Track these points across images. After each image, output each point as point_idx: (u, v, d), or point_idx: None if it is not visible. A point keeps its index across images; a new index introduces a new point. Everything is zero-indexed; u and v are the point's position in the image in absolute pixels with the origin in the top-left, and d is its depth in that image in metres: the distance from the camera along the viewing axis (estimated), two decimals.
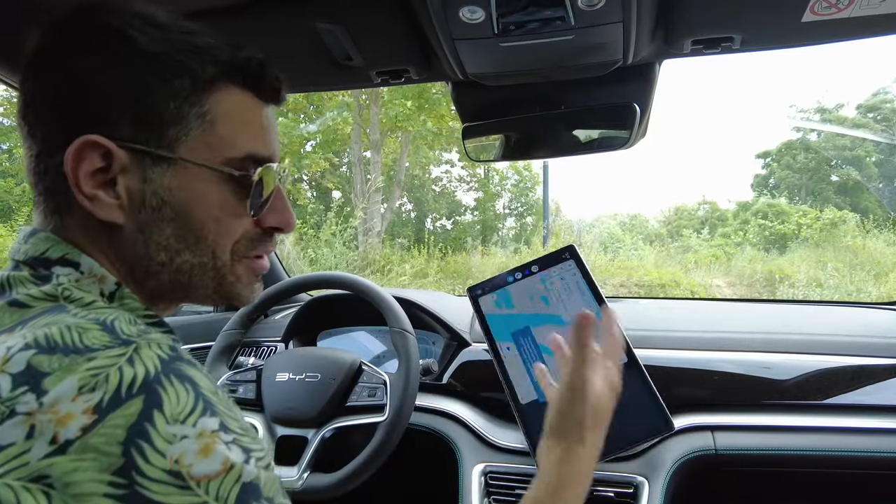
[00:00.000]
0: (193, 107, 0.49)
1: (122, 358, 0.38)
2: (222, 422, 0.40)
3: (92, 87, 0.47)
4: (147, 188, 0.48)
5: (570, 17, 0.74)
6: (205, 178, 0.50)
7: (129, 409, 0.36)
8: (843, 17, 0.73)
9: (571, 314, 0.95)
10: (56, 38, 0.48)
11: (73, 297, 0.44)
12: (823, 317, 1.53)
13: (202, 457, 0.37)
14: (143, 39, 0.47)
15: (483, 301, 1.00)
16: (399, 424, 1.04)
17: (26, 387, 0.36)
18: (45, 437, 0.34)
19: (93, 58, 0.47)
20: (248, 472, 0.39)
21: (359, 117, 11.61)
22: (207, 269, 0.53)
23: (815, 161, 15.30)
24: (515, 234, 14.68)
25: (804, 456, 1.05)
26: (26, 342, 0.38)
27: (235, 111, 0.51)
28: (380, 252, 9.85)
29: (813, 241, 10.18)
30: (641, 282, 8.37)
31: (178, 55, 0.48)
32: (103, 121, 0.47)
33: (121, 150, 0.47)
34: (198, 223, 0.51)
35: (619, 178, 27.88)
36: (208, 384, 0.41)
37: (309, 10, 0.80)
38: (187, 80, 0.49)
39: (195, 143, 0.49)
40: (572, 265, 1.02)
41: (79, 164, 0.46)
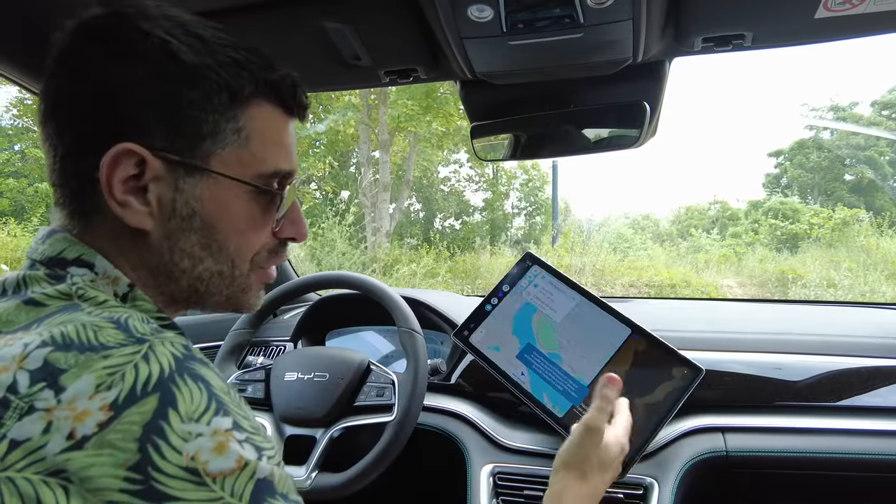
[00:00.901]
0: (230, 122, 0.50)
1: (138, 355, 0.39)
2: (235, 421, 0.40)
3: (131, 95, 0.47)
4: (178, 197, 0.49)
5: (579, 14, 0.73)
6: (235, 191, 0.51)
7: (145, 407, 0.37)
8: (857, 13, 0.72)
9: (560, 311, 1.06)
10: (92, 41, 0.48)
11: (86, 296, 0.45)
12: (836, 317, 1.51)
13: (217, 454, 0.38)
14: (185, 51, 0.48)
15: (474, 339, 1.05)
16: (407, 424, 1.04)
17: (44, 383, 0.37)
18: (61, 432, 0.35)
19: (134, 66, 0.47)
20: (262, 468, 0.40)
21: (367, 117, 11.64)
22: (225, 278, 0.54)
23: (828, 160, 15.15)
24: (524, 233, 14.65)
25: (816, 458, 1.04)
26: (43, 339, 0.39)
27: (267, 128, 0.53)
28: (388, 252, 9.87)
29: (825, 241, 10.07)
30: (652, 282, 8.33)
31: (218, 69, 0.49)
32: (140, 129, 0.47)
33: (155, 159, 0.48)
34: (223, 234, 0.52)
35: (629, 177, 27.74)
36: (220, 384, 0.42)
37: (317, 10, 0.80)
38: (226, 95, 0.50)
39: (228, 157, 0.51)
40: (537, 269, 1.10)
41: (114, 170, 0.47)
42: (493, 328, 1.07)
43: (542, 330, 1.06)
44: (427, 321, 1.38)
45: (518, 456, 1.11)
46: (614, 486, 1.01)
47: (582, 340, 1.06)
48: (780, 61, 30.23)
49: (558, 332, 1.06)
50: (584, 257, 8.93)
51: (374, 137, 11.79)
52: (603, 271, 8.64)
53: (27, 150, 11.53)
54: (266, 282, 0.59)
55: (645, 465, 1.04)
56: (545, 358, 1.04)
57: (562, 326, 1.06)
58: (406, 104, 10.44)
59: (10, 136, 11.69)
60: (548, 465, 1.06)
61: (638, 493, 1.00)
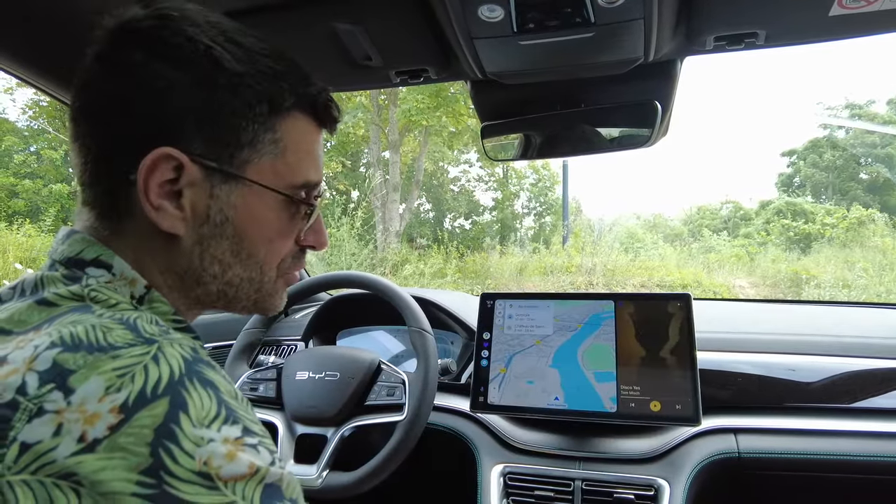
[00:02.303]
0: (268, 132, 0.51)
1: (147, 356, 0.39)
2: (245, 427, 0.40)
3: (173, 99, 0.47)
4: (213, 204, 0.50)
5: (590, 14, 0.73)
6: (267, 200, 0.52)
7: (156, 410, 0.37)
8: (872, 11, 0.71)
9: (546, 325, 1.18)
10: (136, 42, 0.47)
11: (98, 299, 0.45)
12: (851, 318, 1.50)
13: (229, 460, 0.38)
14: (228, 59, 0.48)
15: (493, 399, 1.15)
16: (417, 424, 1.04)
17: (53, 384, 0.36)
18: (72, 435, 0.35)
19: (178, 70, 0.47)
20: (273, 473, 0.40)
21: (377, 118, 11.66)
22: (254, 283, 0.55)
23: (842, 159, 14.96)
24: (534, 233, 14.60)
25: (829, 460, 1.02)
26: (52, 340, 0.39)
27: (301, 140, 0.54)
28: (398, 252, 9.89)
29: (839, 241, 9.95)
30: (663, 282, 8.27)
31: (260, 80, 0.49)
32: (179, 134, 0.47)
33: (193, 165, 0.48)
34: (253, 241, 0.53)
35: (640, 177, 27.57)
36: (228, 387, 0.42)
37: (328, 11, 0.80)
38: (266, 105, 0.50)
39: (264, 167, 0.51)
40: (501, 302, 1.23)
41: (152, 174, 0.47)
42: (503, 377, 1.16)
43: (529, 348, 1.18)
44: (437, 321, 1.39)
45: (528, 456, 1.11)
46: (626, 487, 1.01)
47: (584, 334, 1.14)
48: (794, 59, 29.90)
49: (543, 342, 1.17)
50: (594, 257, 8.89)
51: (384, 138, 11.81)
52: (614, 271, 8.59)
53: (42, 152, 11.69)
54: (290, 284, 0.60)
55: (656, 465, 1.04)
56: (571, 368, 1.13)
57: (550, 339, 1.17)
58: (417, 98, 10.47)
59: (26, 137, 11.86)
60: (557, 465, 1.07)
61: (649, 494, 1.00)
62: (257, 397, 1.17)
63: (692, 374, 1.04)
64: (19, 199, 10.76)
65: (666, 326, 1.10)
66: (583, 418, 1.08)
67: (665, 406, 1.04)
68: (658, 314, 1.11)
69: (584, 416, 1.08)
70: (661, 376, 1.06)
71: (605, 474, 1.04)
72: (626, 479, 1.02)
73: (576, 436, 1.13)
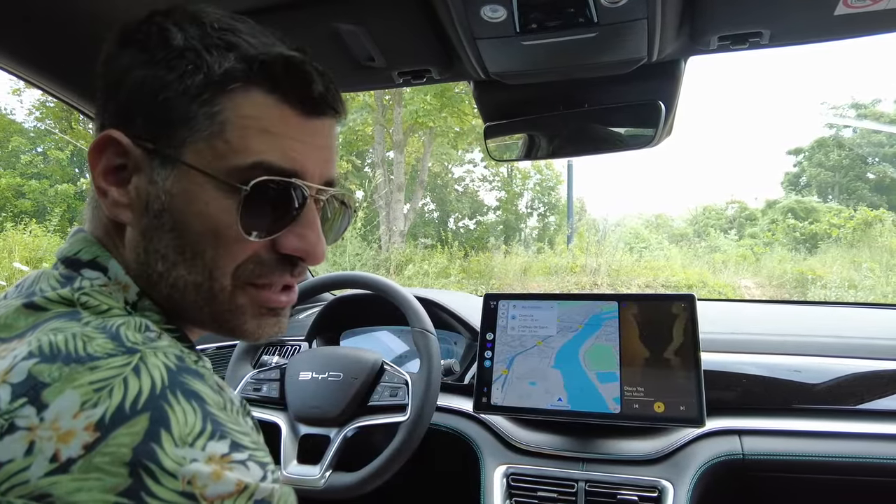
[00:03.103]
0: (203, 106, 0.44)
1: (128, 368, 0.37)
2: (233, 441, 0.38)
3: (124, 82, 0.46)
4: (152, 190, 0.45)
5: (593, 14, 0.73)
6: (204, 185, 0.45)
7: (135, 428, 0.34)
8: (878, 10, 0.71)
9: (550, 326, 1.17)
10: (115, 36, 0.48)
11: (88, 304, 0.43)
12: (857, 319, 1.49)
13: (215, 480, 0.35)
14: (177, 36, 0.45)
15: (496, 400, 1.14)
16: (421, 424, 1.04)
17: (25, 399, 0.35)
18: (45, 454, 0.33)
19: (132, 54, 0.46)
20: (262, 489, 0.37)
21: (382, 118, 11.68)
22: (202, 291, 0.47)
23: (849, 158, 14.86)
24: (538, 233, 14.59)
25: (835, 462, 1.02)
26: (30, 349, 0.37)
27: (253, 116, 0.45)
28: (402, 252, 9.89)
29: (846, 241, 9.89)
30: (668, 282, 8.25)
31: (201, 52, 0.44)
32: (126, 117, 0.46)
33: (136, 147, 0.46)
34: (194, 236, 0.46)
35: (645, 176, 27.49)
36: (216, 398, 0.40)
37: (330, 11, 0.80)
38: (200, 76, 0.44)
39: (201, 147, 0.45)
40: (504, 303, 1.22)
41: (98, 158, 0.46)
42: (505, 378, 1.16)
43: (532, 349, 1.18)
44: (441, 321, 1.38)
45: (531, 457, 1.10)
46: (629, 489, 1.00)
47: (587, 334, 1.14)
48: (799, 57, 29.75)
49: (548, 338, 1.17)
50: (599, 257, 8.87)
51: (388, 138, 11.82)
52: (618, 271, 8.57)
53: (49, 152, 11.76)
54: (267, 305, 0.50)
55: (660, 467, 1.04)
56: (573, 368, 1.12)
57: (559, 337, 1.16)
58: (424, 99, 10.48)
59: (33, 138, 11.93)
60: (559, 466, 1.06)
61: (653, 496, 0.99)
62: (261, 397, 1.17)
63: (696, 375, 1.04)
64: (26, 199, 10.83)
65: (670, 327, 1.09)
66: (586, 419, 1.08)
67: (669, 407, 1.03)
68: (662, 315, 1.11)
69: (587, 417, 1.07)
70: (665, 377, 1.06)
71: (609, 475, 1.03)
72: (629, 481, 1.02)
73: (579, 437, 1.12)
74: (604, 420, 1.07)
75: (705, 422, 1.01)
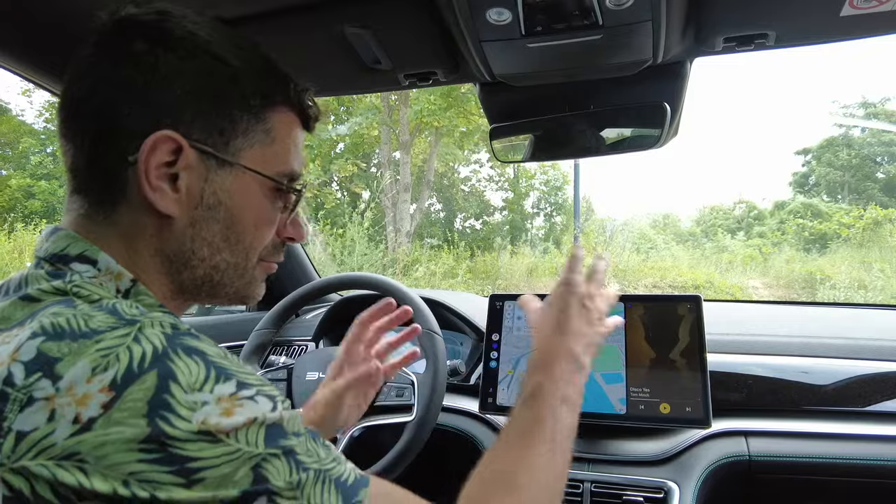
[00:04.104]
0: (260, 122, 0.54)
1: (129, 337, 0.40)
2: (238, 381, 0.42)
3: (174, 87, 0.50)
4: (207, 188, 0.52)
5: (597, 16, 0.73)
6: (257, 186, 0.55)
7: (146, 384, 0.38)
8: (884, 11, 0.70)
9: None
10: (141, 33, 0.50)
11: (80, 294, 0.45)
12: (866, 320, 1.48)
13: (226, 417, 0.39)
14: (226, 54, 0.52)
15: (502, 400, 1.15)
16: (426, 424, 1.05)
17: (40, 373, 0.38)
18: (66, 418, 0.36)
19: (180, 61, 0.50)
20: (271, 417, 0.42)
21: (388, 118, 11.69)
22: (238, 269, 0.57)
23: (858, 158, 14.73)
24: (545, 233, 14.55)
25: (842, 464, 1.01)
26: (33, 331, 0.40)
27: (287, 132, 0.57)
28: (409, 252, 9.90)
29: (856, 241, 9.81)
30: (675, 282, 8.22)
31: (254, 74, 0.54)
32: (179, 119, 0.50)
33: (191, 149, 0.50)
34: (243, 226, 0.55)
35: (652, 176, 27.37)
36: (216, 350, 0.43)
37: (337, 15, 0.81)
38: (259, 98, 0.54)
39: (255, 155, 0.54)
40: (510, 303, 1.23)
41: (152, 155, 0.49)
42: (511, 379, 1.16)
43: None
44: (447, 322, 1.39)
45: None
46: (635, 489, 1.00)
47: None
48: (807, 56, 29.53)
49: None
50: None
51: (394, 138, 11.84)
52: (625, 272, 8.55)
53: (58, 153, 11.83)
54: (268, 272, 0.62)
55: (666, 468, 1.04)
56: None
57: None
58: (429, 99, 10.50)
59: (43, 140, 12.03)
60: None
61: (659, 497, 0.99)
62: None
63: (702, 376, 1.04)
64: (36, 199, 10.92)
65: (676, 328, 1.09)
66: (592, 420, 1.08)
67: (675, 408, 1.03)
68: (668, 316, 1.11)
69: (593, 417, 1.07)
70: (671, 378, 1.06)
71: (615, 476, 1.03)
72: (635, 482, 1.02)
73: (585, 437, 1.12)
74: (609, 421, 1.07)
75: (711, 423, 1.01)
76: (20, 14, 0.80)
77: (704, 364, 1.04)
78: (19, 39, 0.85)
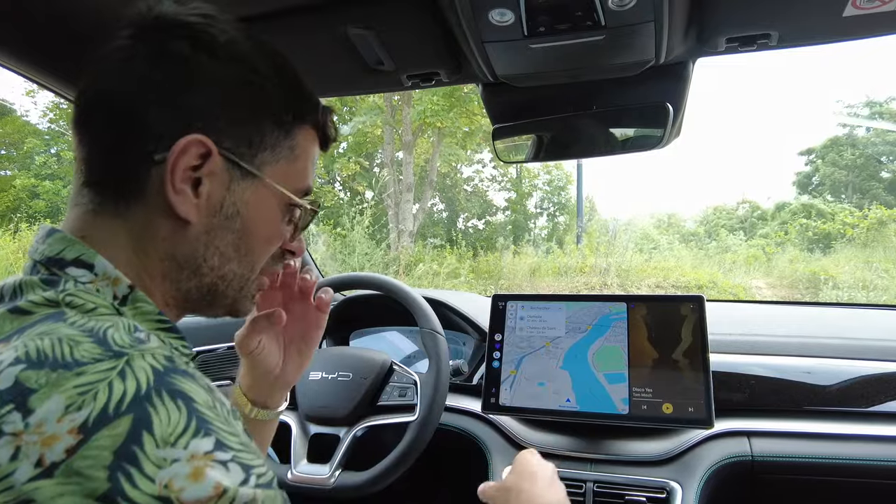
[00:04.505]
0: (288, 138, 0.55)
1: (113, 371, 0.37)
2: (218, 439, 0.38)
3: (212, 93, 0.50)
4: (228, 197, 0.52)
5: (600, 17, 0.73)
6: (275, 201, 0.56)
7: (117, 430, 0.34)
8: (887, 11, 0.70)
9: (559, 327, 1.18)
10: (180, 35, 0.49)
11: (74, 304, 0.43)
12: (869, 320, 1.48)
13: (193, 481, 0.35)
14: (265, 67, 0.52)
15: (504, 401, 1.15)
16: (429, 424, 1.05)
17: (12, 405, 0.35)
18: (30, 459, 0.33)
19: (222, 68, 0.50)
20: (243, 494, 0.37)
21: (391, 118, 11.70)
22: (242, 280, 0.56)
23: (863, 157, 14.67)
24: (548, 233, 14.54)
25: (845, 464, 1.01)
26: (17, 355, 0.37)
27: (308, 150, 0.58)
28: (412, 252, 9.91)
29: (860, 241, 9.77)
30: (678, 283, 8.20)
31: (288, 90, 0.55)
32: (211, 126, 0.49)
33: (219, 156, 0.50)
34: (254, 238, 0.55)
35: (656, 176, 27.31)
36: (204, 397, 0.40)
37: (340, 16, 0.81)
38: (291, 115, 0.55)
39: (278, 170, 0.55)
40: (513, 303, 1.23)
41: (181, 157, 0.48)
42: (513, 379, 1.16)
43: (540, 348, 1.18)
44: (449, 322, 1.39)
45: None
46: (638, 489, 1.01)
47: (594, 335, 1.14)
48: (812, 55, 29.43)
49: (559, 336, 1.18)
50: (609, 257, 8.83)
51: (397, 139, 11.85)
52: (628, 272, 8.53)
53: (62, 153, 11.89)
54: (260, 288, 0.61)
55: (668, 468, 1.04)
56: (581, 369, 1.13)
57: (568, 339, 1.17)
58: (432, 100, 10.51)
59: (47, 140, 12.08)
60: (568, 466, 1.07)
61: (661, 497, 0.99)
62: None
63: (705, 376, 1.04)
64: (40, 199, 10.96)
65: (679, 328, 1.09)
66: (594, 420, 1.08)
67: (677, 408, 1.03)
68: (671, 316, 1.11)
69: (595, 417, 1.08)
70: (674, 378, 1.06)
71: (617, 476, 1.04)
72: (637, 482, 1.02)
73: (587, 437, 1.13)
74: (612, 421, 1.07)
75: (714, 423, 1.01)
76: (20, 14, 0.80)
77: (707, 364, 1.04)
78: (19, 39, 0.85)
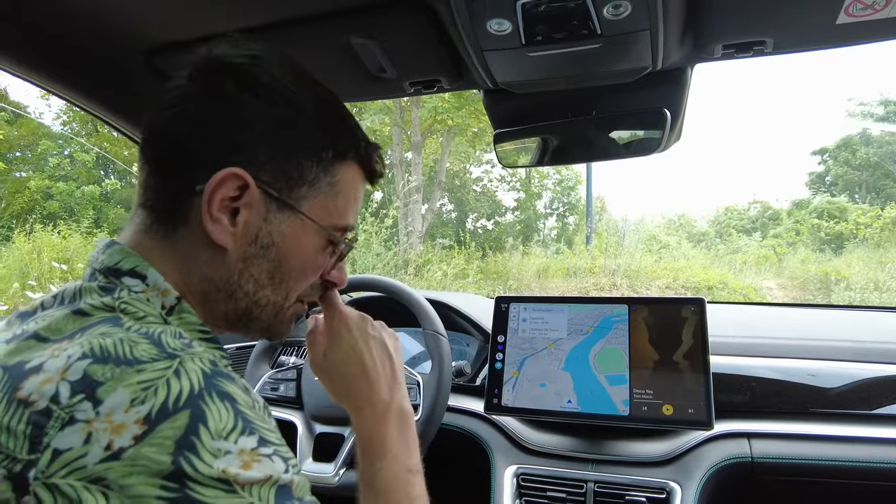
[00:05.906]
0: (327, 175, 0.57)
1: (169, 370, 0.42)
2: (261, 437, 0.44)
3: (253, 129, 0.53)
4: (264, 227, 0.54)
5: (596, 26, 0.74)
6: (312, 235, 0.57)
7: (177, 422, 0.40)
8: (879, 18, 0.71)
9: (561, 328, 1.19)
10: (226, 75, 0.53)
11: (128, 311, 0.48)
12: (874, 323, 1.47)
13: (245, 470, 0.41)
14: (305, 105, 0.55)
15: (507, 401, 1.17)
16: (432, 424, 1.07)
17: (83, 395, 0.40)
18: (100, 443, 0.38)
19: (263, 107, 0.53)
20: (285, 478, 0.43)
21: (400, 119, 11.74)
22: (276, 307, 0.59)
23: (877, 156, 14.49)
24: (557, 233, 14.51)
25: (845, 467, 1.02)
26: (83, 351, 0.42)
27: (351, 186, 0.60)
28: (420, 253, 9.93)
29: (873, 241, 9.66)
30: (688, 283, 8.16)
31: (329, 127, 0.57)
32: (251, 159, 0.52)
33: (257, 188, 0.53)
34: (290, 268, 0.57)
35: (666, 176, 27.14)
36: (245, 398, 0.45)
37: (343, 26, 0.83)
38: (331, 152, 0.57)
39: (317, 205, 0.57)
40: (515, 305, 1.25)
41: (219, 188, 0.51)
42: (516, 380, 1.18)
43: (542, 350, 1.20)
44: (452, 324, 1.41)
45: (541, 458, 1.12)
46: (638, 490, 1.02)
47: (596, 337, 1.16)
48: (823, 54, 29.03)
49: (562, 338, 1.19)
50: (618, 258, 8.81)
51: (406, 140, 11.88)
52: (638, 273, 8.50)
53: (75, 154, 12.05)
54: (299, 313, 0.63)
55: (668, 469, 1.05)
56: (583, 371, 1.14)
57: (570, 340, 1.18)
58: (442, 97, 10.54)
59: (61, 143, 12.24)
60: (570, 467, 1.08)
61: (661, 497, 1.00)
62: (278, 397, 1.21)
63: (705, 378, 1.05)
64: (54, 200, 11.11)
65: (680, 330, 1.10)
66: (595, 421, 1.09)
67: (678, 410, 1.04)
68: (672, 318, 1.12)
69: (596, 418, 1.09)
70: (674, 380, 1.07)
71: (618, 477, 1.05)
72: (638, 482, 1.03)
73: (588, 438, 1.14)
74: (613, 422, 1.08)
75: (714, 424, 1.02)
76: (20, 14, 0.82)
77: (707, 366, 1.05)
78: (19, 40, 0.87)
